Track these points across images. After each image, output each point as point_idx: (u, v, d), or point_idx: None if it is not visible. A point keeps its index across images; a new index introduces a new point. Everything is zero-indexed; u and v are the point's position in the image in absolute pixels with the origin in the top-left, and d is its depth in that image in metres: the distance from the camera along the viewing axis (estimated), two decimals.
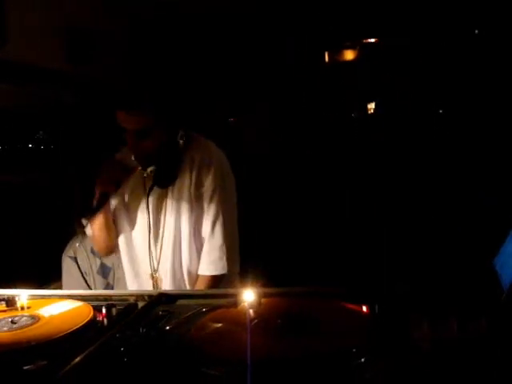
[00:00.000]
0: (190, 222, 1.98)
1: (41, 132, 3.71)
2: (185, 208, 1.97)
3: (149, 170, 1.96)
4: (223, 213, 1.99)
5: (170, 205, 1.99)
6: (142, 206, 2.02)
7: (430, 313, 1.32)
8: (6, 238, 3.11)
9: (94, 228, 2.05)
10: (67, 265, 2.82)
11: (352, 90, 6.38)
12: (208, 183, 1.97)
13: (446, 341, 1.24)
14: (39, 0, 2.91)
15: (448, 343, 1.23)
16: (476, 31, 5.67)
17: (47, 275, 3.04)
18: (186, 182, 1.97)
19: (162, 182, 1.99)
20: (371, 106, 6.91)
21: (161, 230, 2.01)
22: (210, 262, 1.99)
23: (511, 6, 4.51)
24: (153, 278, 2.03)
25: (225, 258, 1.99)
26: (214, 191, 1.97)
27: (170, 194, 2.00)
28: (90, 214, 2.00)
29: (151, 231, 2.01)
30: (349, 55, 5.89)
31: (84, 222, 2.11)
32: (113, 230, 2.07)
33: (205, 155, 1.99)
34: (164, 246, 2.01)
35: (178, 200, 1.97)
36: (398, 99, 6.11)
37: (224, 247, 1.99)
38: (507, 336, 1.23)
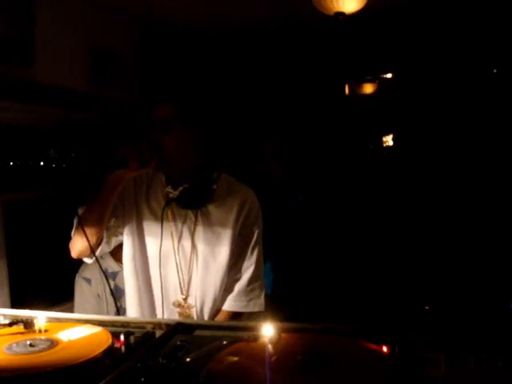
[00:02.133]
0: (230, 255, 2.00)
1: (52, 150, 3.71)
2: (227, 241, 1.99)
3: (179, 189, 1.94)
4: (260, 255, 2.08)
5: (202, 232, 1.99)
6: (166, 228, 1.98)
7: (447, 351, 1.31)
8: (19, 257, 3.11)
9: (88, 218, 1.88)
10: (80, 286, 2.81)
11: (370, 123, 6.43)
12: (254, 226, 2.05)
13: (462, 379, 1.23)
14: (66, 22, 2.96)
15: (464, 381, 1.22)
16: (494, 70, 5.72)
17: (59, 295, 3.04)
18: (230, 218, 1.99)
19: (190, 203, 1.97)
20: (387, 138, 6.94)
21: (188, 256, 1.99)
22: (251, 300, 2.03)
23: None
24: (179, 305, 2.00)
25: (263, 295, 2.07)
26: (258, 235, 2.06)
27: (204, 221, 1.99)
28: (93, 196, 1.89)
29: (178, 256, 1.99)
30: (368, 88, 5.95)
31: (80, 210, 1.93)
32: (101, 233, 1.94)
33: (248, 198, 2.05)
34: (194, 274, 1.99)
35: (219, 232, 1.99)
36: (416, 133, 6.14)
37: (263, 286, 2.08)
38: None
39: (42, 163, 3.67)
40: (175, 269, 1.99)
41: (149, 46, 3.76)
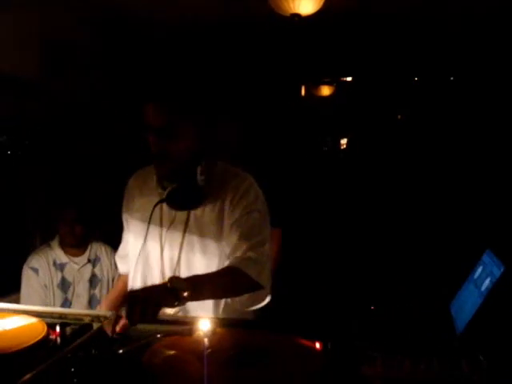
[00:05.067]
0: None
1: (4, 136, 3.61)
2: (217, 245, 1.83)
3: (168, 189, 1.77)
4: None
5: (193, 233, 1.83)
6: (154, 229, 1.83)
7: (383, 351, 1.34)
8: None
9: None
10: (28, 276, 2.79)
11: (326, 125, 6.51)
12: (244, 200, 1.84)
13: (397, 380, 1.26)
14: (17, 12, 2.92)
15: (399, 382, 1.26)
16: (451, 78, 5.87)
17: (6, 286, 2.99)
18: (222, 215, 1.83)
19: (180, 205, 1.80)
20: (344, 141, 7.03)
21: (175, 259, 1.84)
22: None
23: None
24: None
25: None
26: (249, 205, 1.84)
27: (196, 223, 1.84)
28: None
29: (162, 260, 1.85)
30: (325, 91, 6.00)
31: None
32: None
33: (241, 185, 1.86)
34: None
35: (211, 233, 1.83)
36: (371, 136, 6.24)
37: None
38: (458, 378, 1.26)
39: None
40: (159, 272, 1.85)
41: (111, 40, 3.74)
